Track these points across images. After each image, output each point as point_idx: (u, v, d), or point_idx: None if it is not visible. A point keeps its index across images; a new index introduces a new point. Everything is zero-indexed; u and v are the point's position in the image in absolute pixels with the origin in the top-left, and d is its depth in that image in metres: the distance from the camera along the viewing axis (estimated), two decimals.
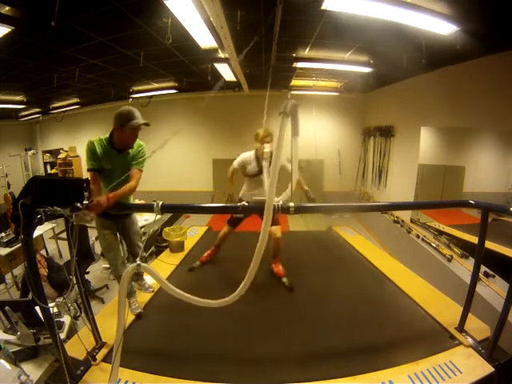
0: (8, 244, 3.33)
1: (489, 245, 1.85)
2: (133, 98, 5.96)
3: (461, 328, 1.78)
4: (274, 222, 2.59)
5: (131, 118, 1.78)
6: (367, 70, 4.05)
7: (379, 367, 1.55)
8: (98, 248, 4.04)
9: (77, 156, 7.50)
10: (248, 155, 2.64)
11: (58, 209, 1.29)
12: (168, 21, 2.53)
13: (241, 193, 2.79)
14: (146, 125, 1.83)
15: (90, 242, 3.47)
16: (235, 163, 2.69)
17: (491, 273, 2.59)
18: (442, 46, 2.75)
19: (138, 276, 2.40)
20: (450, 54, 3.04)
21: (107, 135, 1.92)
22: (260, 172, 2.54)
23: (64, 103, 6.45)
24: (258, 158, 2.57)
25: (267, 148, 2.33)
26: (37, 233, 3.57)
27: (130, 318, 2.03)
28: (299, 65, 3.99)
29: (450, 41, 2.57)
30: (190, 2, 2.06)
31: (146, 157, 2.01)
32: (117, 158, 1.91)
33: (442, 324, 1.89)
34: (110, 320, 1.98)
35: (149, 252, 4.17)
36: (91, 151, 1.85)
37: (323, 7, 2.20)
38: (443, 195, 4.47)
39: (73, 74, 4.02)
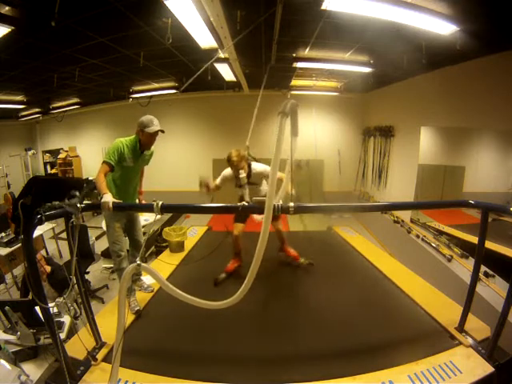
0: (8, 244, 3.33)
1: (489, 245, 1.85)
2: (133, 97, 5.97)
3: (461, 328, 1.78)
4: (275, 218, 2.58)
5: (150, 124, 2.08)
6: (367, 70, 4.05)
7: (379, 367, 1.55)
8: (98, 248, 4.05)
9: (77, 156, 7.50)
10: (228, 173, 2.61)
11: (56, 202, 1.29)
12: (168, 21, 2.53)
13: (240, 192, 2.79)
14: (162, 131, 2.14)
15: (90, 242, 3.47)
16: (218, 180, 2.67)
17: (491, 273, 2.59)
18: (442, 46, 2.76)
19: (136, 276, 2.42)
20: (449, 54, 3.04)
21: (130, 137, 2.17)
22: (240, 186, 2.56)
23: (64, 103, 6.45)
24: (237, 177, 2.52)
25: (242, 174, 2.38)
26: (37, 233, 3.56)
27: (130, 318, 2.03)
28: (299, 65, 3.99)
29: (449, 41, 2.57)
30: (189, 2, 2.06)
31: None
32: (139, 157, 2.20)
33: (442, 324, 1.89)
34: (110, 320, 1.98)
35: (149, 252, 4.17)
36: (118, 150, 2.07)
37: (323, 7, 2.20)
38: (443, 195, 4.48)
39: (73, 74, 4.02)
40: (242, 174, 2.39)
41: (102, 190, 1.88)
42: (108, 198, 1.78)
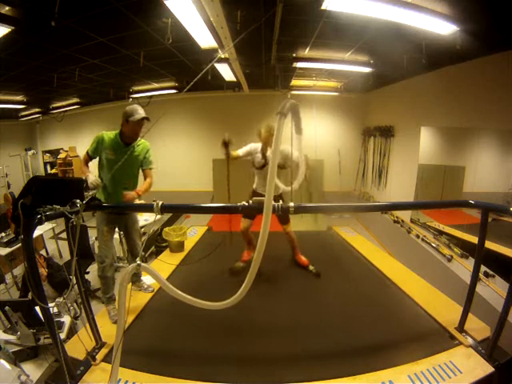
0: (8, 244, 3.33)
1: (489, 245, 1.85)
2: (133, 97, 5.97)
3: (461, 328, 1.78)
4: (286, 221, 2.79)
5: (134, 113, 1.99)
6: (367, 69, 4.05)
7: (379, 367, 1.55)
8: (98, 248, 4.04)
9: (77, 156, 7.50)
10: (256, 146, 2.59)
11: (58, 207, 1.29)
12: (168, 21, 2.53)
13: (254, 185, 2.82)
14: (147, 119, 2.03)
15: (90, 242, 3.47)
16: (239, 151, 2.58)
17: (491, 273, 2.59)
18: (442, 46, 2.75)
19: (136, 277, 2.41)
20: (449, 54, 3.04)
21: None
22: (265, 165, 2.55)
23: (64, 103, 6.46)
24: (264, 153, 2.54)
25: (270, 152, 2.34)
26: (37, 233, 3.56)
27: (130, 318, 2.03)
28: (299, 65, 3.99)
29: (450, 41, 2.57)
30: (189, 2, 2.06)
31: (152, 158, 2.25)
32: (123, 150, 2.05)
33: (441, 324, 1.89)
34: None
35: (149, 252, 4.17)
36: (98, 141, 2.05)
37: (323, 7, 2.20)
38: (443, 195, 4.47)
39: (73, 74, 4.02)
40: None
41: (84, 172, 1.99)
42: (91, 177, 1.90)
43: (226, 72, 4.33)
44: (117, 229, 2.32)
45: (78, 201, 1.37)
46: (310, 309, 2.23)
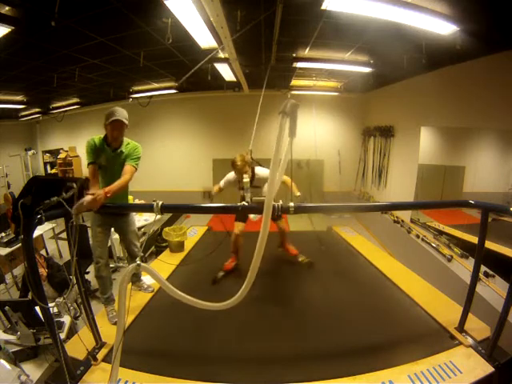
0: (8, 244, 3.33)
1: (489, 245, 1.85)
2: (133, 97, 5.97)
3: (461, 328, 1.78)
4: (278, 217, 2.74)
5: (110, 116, 1.95)
6: (367, 69, 4.05)
7: (379, 367, 1.55)
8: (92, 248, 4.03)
9: (77, 156, 7.50)
10: (232, 177, 2.70)
11: (55, 198, 1.29)
12: (168, 21, 2.53)
13: None
14: (117, 121, 1.95)
15: (90, 242, 3.46)
16: (221, 183, 2.76)
17: (491, 273, 2.59)
18: (442, 46, 2.75)
19: (136, 277, 2.40)
20: (450, 54, 3.04)
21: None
22: (243, 189, 2.60)
23: (64, 103, 6.45)
24: (240, 181, 2.58)
25: (246, 179, 2.38)
26: (37, 233, 3.56)
27: (130, 318, 2.03)
28: (299, 65, 3.99)
29: (450, 41, 2.57)
30: (189, 2, 2.06)
31: (140, 157, 2.11)
32: (111, 155, 2.03)
33: (441, 324, 1.89)
34: None
35: (149, 252, 4.17)
36: (90, 147, 2.01)
37: (323, 7, 2.20)
38: (443, 195, 4.47)
39: (73, 74, 4.02)
40: (246, 179, 2.41)
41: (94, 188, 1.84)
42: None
43: (225, 72, 4.33)
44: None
45: (74, 184, 1.37)
46: (310, 308, 2.23)
